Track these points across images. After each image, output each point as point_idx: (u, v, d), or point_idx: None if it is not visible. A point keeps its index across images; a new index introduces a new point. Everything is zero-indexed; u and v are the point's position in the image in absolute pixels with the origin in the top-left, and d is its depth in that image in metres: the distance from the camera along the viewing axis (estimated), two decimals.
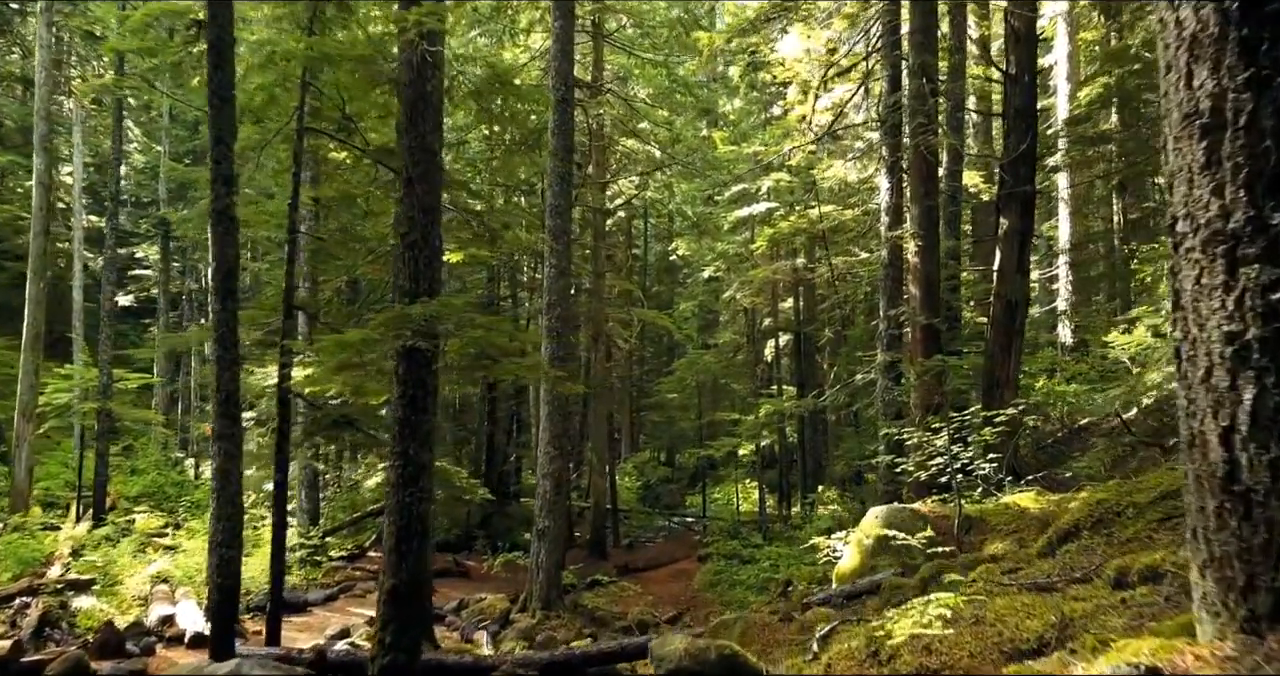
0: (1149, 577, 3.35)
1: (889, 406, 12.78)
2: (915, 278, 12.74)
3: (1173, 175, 2.53)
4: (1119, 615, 3.01)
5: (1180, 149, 2.47)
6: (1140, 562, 3.47)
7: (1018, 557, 6.33)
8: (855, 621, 4.63)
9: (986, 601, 3.92)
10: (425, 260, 6.93)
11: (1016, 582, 4.44)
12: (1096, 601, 3.34)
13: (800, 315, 24.63)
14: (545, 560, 14.05)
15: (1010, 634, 3.24)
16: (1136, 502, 5.38)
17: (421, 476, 6.81)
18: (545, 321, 14.30)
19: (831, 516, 17.49)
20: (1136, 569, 3.44)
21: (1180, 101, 2.45)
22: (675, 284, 39.16)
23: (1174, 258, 2.52)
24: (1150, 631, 2.57)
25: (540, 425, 14.33)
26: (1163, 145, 2.60)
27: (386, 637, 6.56)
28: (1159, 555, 3.45)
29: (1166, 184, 2.55)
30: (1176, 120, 2.48)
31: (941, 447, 8.54)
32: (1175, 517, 4.93)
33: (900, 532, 8.38)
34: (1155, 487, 5.47)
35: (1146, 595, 3.18)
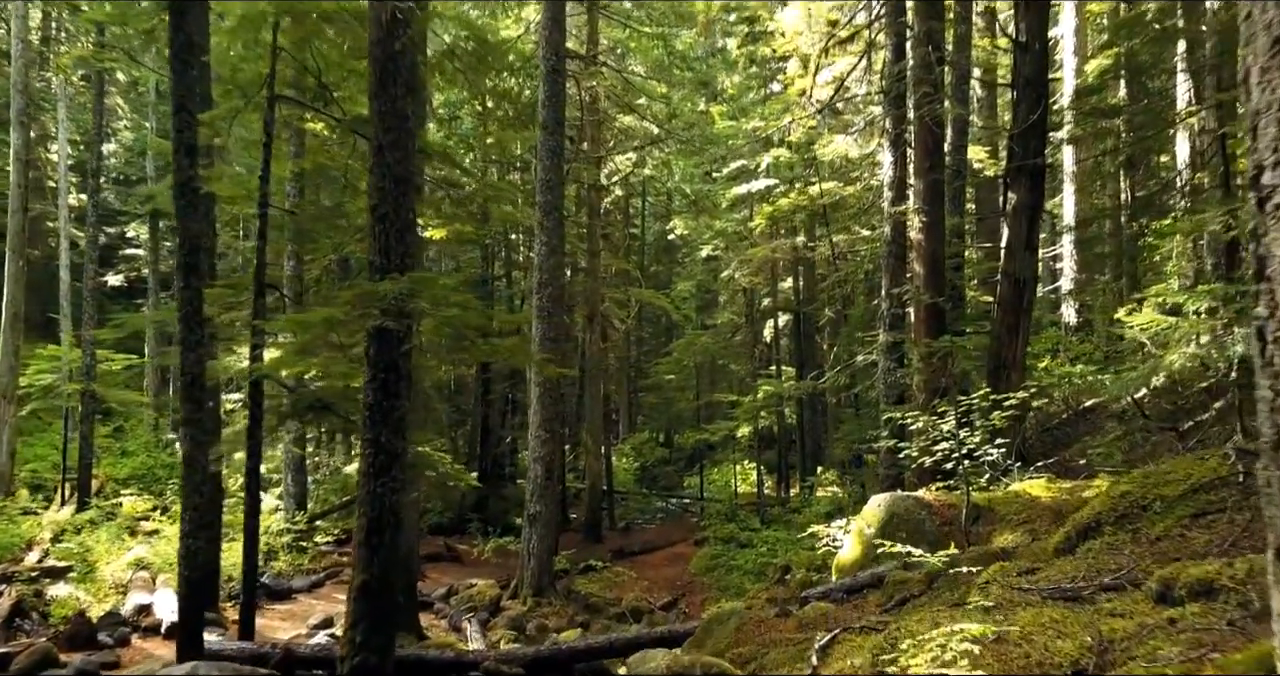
0: (1201, 593, 2.92)
1: (891, 389, 12.34)
2: (919, 255, 12.26)
3: (1256, 115, 2.05)
4: (1169, 639, 2.58)
5: (1268, 81, 1.99)
6: (1189, 574, 3.04)
7: (1033, 553, 5.91)
8: (858, 630, 4.21)
9: (1007, 612, 3.48)
10: (397, 233, 6.46)
11: (1037, 588, 4.01)
12: (1139, 619, 2.91)
13: (800, 295, 24.15)
14: (537, 546, 13.69)
15: (1039, 657, 2.81)
16: (1164, 496, 4.95)
17: (394, 465, 6.37)
18: (536, 301, 13.84)
19: (831, 500, 17.12)
20: (1185, 581, 3.01)
21: (1269, 22, 1.98)
22: (674, 263, 38.67)
23: (1257, 217, 2.06)
24: (1217, 666, 2.14)
25: (532, 408, 13.90)
26: (1241, 80, 2.13)
27: (357, 636, 6.14)
28: (1212, 567, 3.02)
29: (1249, 127, 2.08)
30: (1263, 46, 2.01)
31: (947, 432, 8.10)
32: (1210, 514, 4.50)
33: (903, 522, 7.98)
34: (1184, 479, 5.04)
35: (1200, 615, 2.75)
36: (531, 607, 13.39)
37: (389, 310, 6.17)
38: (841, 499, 17.89)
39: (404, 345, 6.35)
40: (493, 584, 13.99)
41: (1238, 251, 13.37)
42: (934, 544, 7.70)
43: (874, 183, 19.87)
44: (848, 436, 17.47)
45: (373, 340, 6.35)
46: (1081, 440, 13.36)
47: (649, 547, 19.68)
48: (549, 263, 13.74)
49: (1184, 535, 4.36)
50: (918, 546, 7.78)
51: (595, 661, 7.86)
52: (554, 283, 13.80)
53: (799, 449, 25.22)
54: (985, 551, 6.35)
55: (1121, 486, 5.31)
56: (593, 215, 21.24)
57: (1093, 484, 7.64)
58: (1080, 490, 7.64)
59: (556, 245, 13.89)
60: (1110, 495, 5.28)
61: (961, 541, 7.48)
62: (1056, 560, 4.92)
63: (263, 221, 8.61)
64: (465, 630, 11.76)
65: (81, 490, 18.62)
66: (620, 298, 25.21)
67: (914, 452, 9.12)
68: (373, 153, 6.55)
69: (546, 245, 13.74)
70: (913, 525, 7.88)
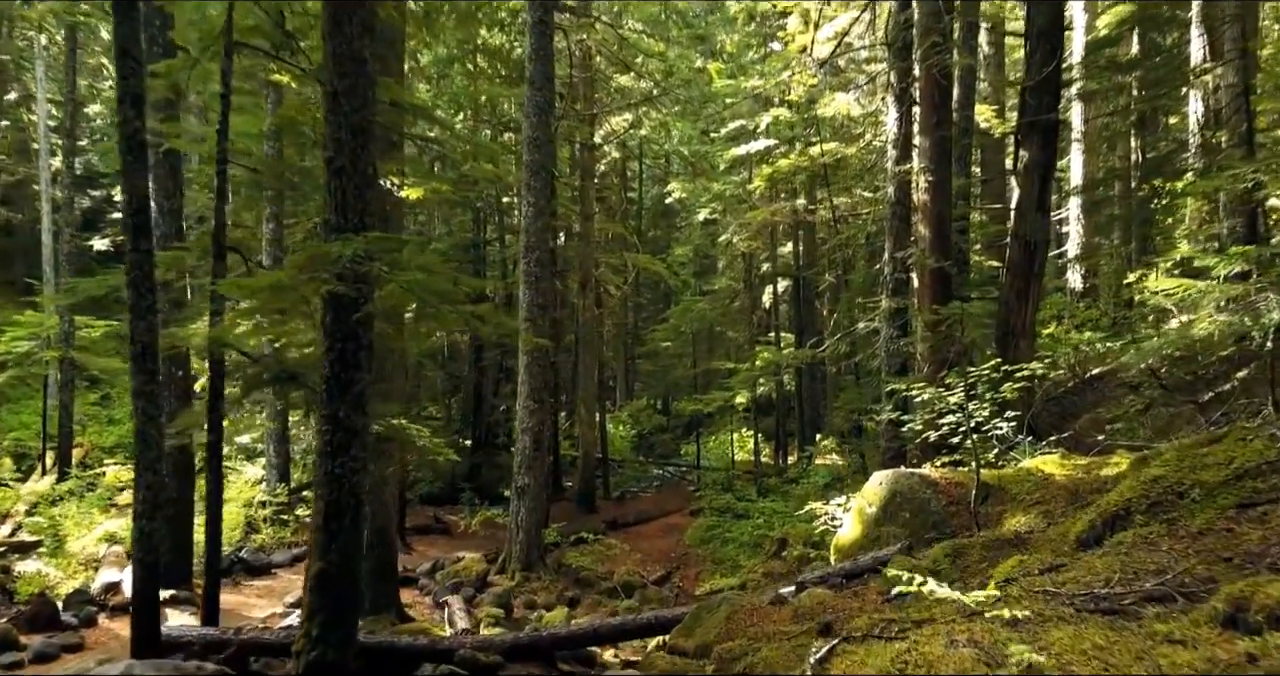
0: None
1: (893, 357, 11.79)
2: (924, 216, 11.65)
3: None
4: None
5: None
6: (1268, 594, 2.51)
7: (1051, 542, 5.40)
8: (860, 639, 3.69)
9: (1036, 629, 2.96)
10: (355, 189, 5.86)
11: (1067, 593, 3.49)
12: (1205, 650, 2.39)
13: (800, 259, 23.52)
14: (525, 519, 13.24)
15: None
16: (1203, 482, 4.42)
17: (353, 443, 5.84)
18: (523, 266, 13.25)
19: (830, 470, 16.66)
20: (1263, 603, 2.48)
21: None
22: (672, 228, 37.97)
23: None
24: None
25: (520, 377, 13.37)
26: None
27: (314, 629, 5.65)
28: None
29: None
30: None
31: (954, 405, 7.56)
32: (1259, 505, 3.97)
33: (907, 502, 7.48)
34: (1225, 463, 4.50)
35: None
36: (520, 582, 12.97)
37: (344, 274, 5.59)
38: (840, 468, 17.45)
39: (363, 312, 5.78)
40: (480, 558, 13.56)
41: (1262, 212, 12.78)
42: (939, 525, 7.22)
43: (876, 143, 19.17)
44: (847, 405, 16.97)
45: (329, 307, 5.79)
46: (1092, 410, 12.85)
47: (643, 517, 19.27)
48: (536, 225, 13.11)
49: (1231, 530, 3.83)
50: (922, 527, 7.30)
51: (580, 648, 7.41)
52: (541, 246, 13.19)
53: (797, 416, 24.77)
54: (997, 537, 5.85)
55: (1152, 469, 4.78)
56: (585, 177, 20.54)
57: (1111, 461, 7.11)
58: (1097, 468, 7.12)
59: (544, 207, 13.25)
60: (1140, 479, 4.75)
61: (969, 522, 6.99)
62: (1082, 554, 4.39)
63: (221, 179, 8.00)
64: (450, 607, 11.33)
65: (62, 460, 18.18)
66: (616, 263, 24.58)
67: (918, 426, 8.61)
68: (327, 100, 5.93)
69: (533, 207, 13.11)
70: (917, 505, 7.38)
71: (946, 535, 7.05)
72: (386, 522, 10.35)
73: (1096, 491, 6.41)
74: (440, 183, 9.83)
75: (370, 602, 10.26)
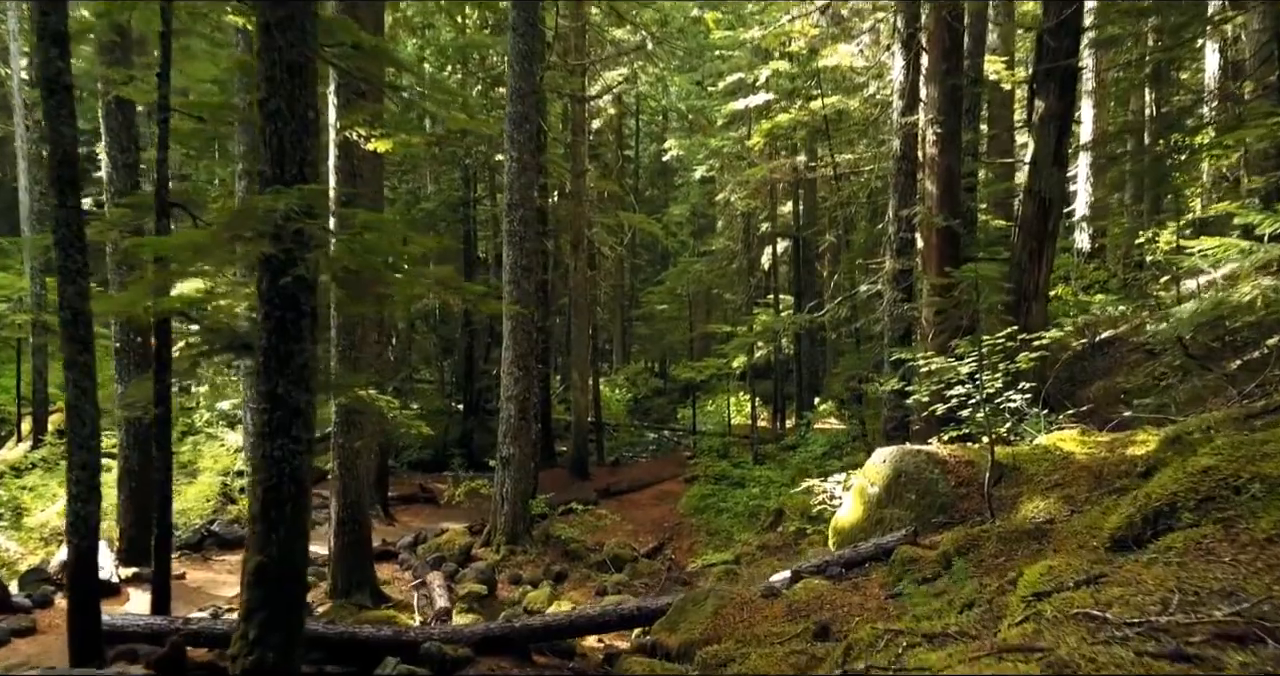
0: None
1: (897, 322, 11.12)
2: (932, 171, 10.90)
3: None
4: None
5: None
6: None
7: (1077, 536, 4.78)
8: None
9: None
10: (292, 136, 5.15)
11: (1114, 620, 2.86)
12: None
13: (800, 219, 22.74)
14: (510, 490, 12.69)
15: None
16: (1264, 475, 3.78)
17: (295, 423, 5.20)
18: (506, 225, 12.52)
19: (828, 438, 16.09)
20: None
21: None
22: (669, 187, 37.09)
23: None
24: None
25: (504, 343, 12.72)
26: None
27: (251, 630, 5.07)
28: None
29: None
30: None
31: (964, 375, 6.91)
32: None
33: (912, 482, 6.87)
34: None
35: None
36: (505, 556, 12.46)
37: (276, 234, 4.91)
38: (839, 435, 16.87)
39: (293, 275, 5.10)
40: (463, 530, 13.02)
41: None
42: (948, 508, 6.61)
43: (880, 96, 18.30)
44: (847, 370, 16.34)
45: (264, 271, 5.11)
46: (1104, 377, 12.22)
47: (637, 485, 18.75)
48: (520, 181, 12.36)
49: None
50: (929, 511, 6.70)
51: (554, 641, 6.86)
52: (526, 204, 12.45)
53: (796, 380, 24.17)
54: (1015, 527, 5.23)
55: (1201, 458, 4.14)
56: (576, 131, 19.68)
57: (1136, 439, 6.50)
58: (1122, 446, 6.50)
59: (529, 162, 12.48)
60: (1186, 469, 4.12)
61: (981, 506, 6.38)
62: (1122, 559, 3.77)
63: (162, 128, 7.26)
64: (430, 585, 10.81)
65: (38, 427, 17.60)
66: (610, 223, 23.80)
67: (923, 397, 7.95)
68: (260, 34, 5.19)
69: (517, 162, 12.34)
70: (923, 486, 6.78)
71: (956, 520, 6.46)
72: (360, 497, 9.77)
73: (1124, 474, 5.80)
74: (411, 135, 9.08)
75: (343, 582, 9.75)
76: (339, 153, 9.44)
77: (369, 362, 9.76)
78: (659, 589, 12.46)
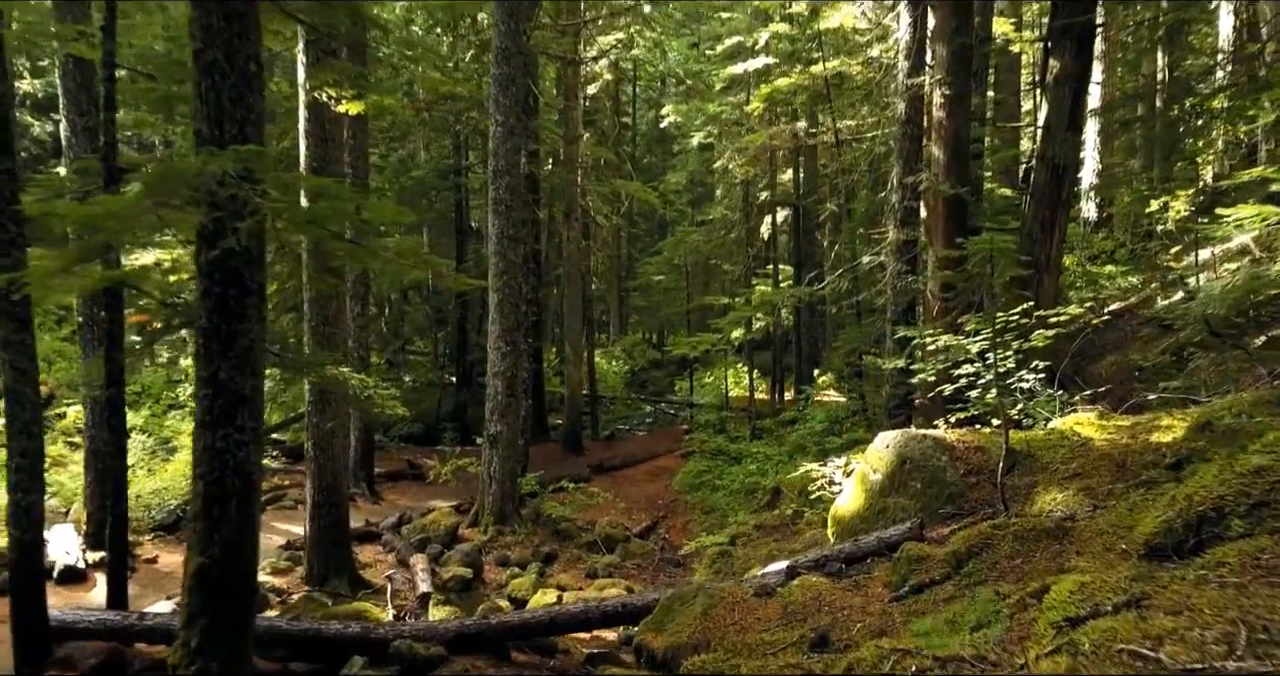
0: None
1: (900, 295, 10.60)
2: (939, 136, 10.33)
3: None
4: None
5: None
6: None
7: (1104, 538, 4.31)
8: None
9: None
10: (231, 92, 4.61)
11: (1169, 666, 2.39)
12: None
13: (800, 187, 22.10)
14: (498, 469, 12.25)
15: None
16: None
17: (240, 411, 4.71)
18: (492, 193, 11.95)
19: (827, 413, 15.63)
20: None
21: None
22: (667, 154, 36.37)
23: None
24: None
25: (490, 317, 12.21)
26: None
27: (193, 638, 4.62)
28: None
29: None
30: None
31: (974, 354, 6.40)
32: None
33: (917, 470, 6.39)
34: None
35: None
36: (493, 537, 12.05)
37: (213, 202, 4.38)
38: (839, 410, 16.41)
39: (252, 250, 4.59)
40: (450, 511, 12.60)
41: None
42: (956, 498, 6.15)
43: (884, 59, 17.62)
44: (848, 344, 15.83)
45: (202, 242, 4.59)
46: (1115, 352, 11.72)
47: (631, 460, 18.34)
48: (506, 146, 11.77)
49: None
50: (936, 501, 6.24)
51: (533, 638, 6.43)
52: (512, 170, 11.87)
53: (795, 352, 23.68)
54: (1033, 525, 4.76)
55: (1253, 457, 3.66)
56: (569, 95, 19.00)
57: (1160, 423, 6.02)
58: (1145, 431, 6.02)
59: (515, 126, 11.88)
60: (1235, 469, 3.64)
61: (992, 496, 5.92)
62: (1162, 574, 3.29)
63: (108, 87, 6.70)
64: (413, 568, 10.40)
65: None
66: (605, 191, 23.18)
67: (929, 376, 7.45)
68: None
69: (503, 126, 11.74)
70: (929, 474, 6.30)
71: (965, 511, 5.99)
72: (336, 479, 9.32)
73: (1151, 464, 5.32)
74: (384, 96, 8.50)
75: (319, 567, 9.34)
76: (309, 115, 8.87)
77: (345, 338, 9.25)
78: (651, 570, 12.09)
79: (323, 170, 8.80)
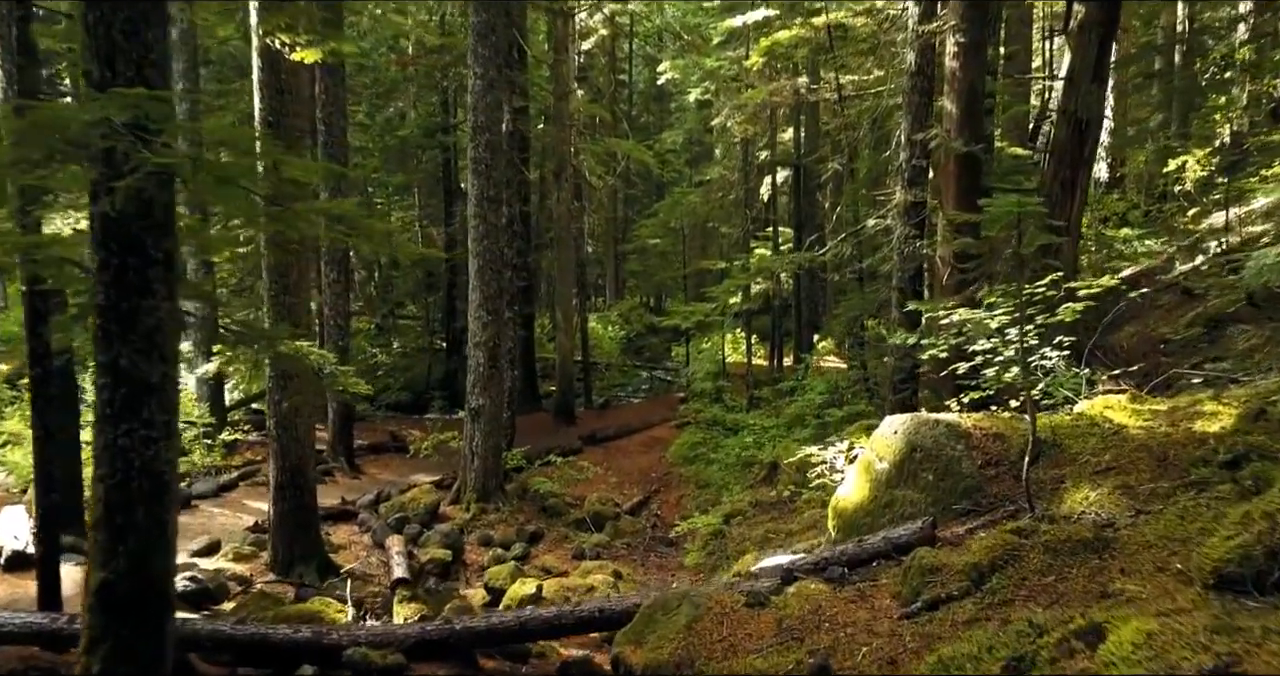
0: None
1: (907, 261, 9.86)
2: (952, 88, 9.53)
3: None
4: None
5: None
6: None
7: (1151, 552, 3.66)
8: None
9: None
10: (125, 25, 3.87)
11: None
12: None
13: (801, 147, 21.23)
14: (481, 444, 11.64)
15: None
16: None
17: (147, 403, 4.04)
18: (471, 150, 11.17)
19: (827, 384, 14.99)
20: None
21: None
22: (665, 112, 35.35)
23: None
24: None
25: (470, 284, 11.51)
26: None
27: (94, 666, 4.00)
28: None
29: None
30: None
31: (993, 329, 5.71)
32: None
33: (929, 460, 5.74)
34: None
35: None
36: (475, 515, 11.48)
37: (109, 153, 3.67)
38: (840, 379, 15.75)
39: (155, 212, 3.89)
40: (430, 488, 12.00)
41: None
42: (973, 493, 5.50)
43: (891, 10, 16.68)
44: (849, 311, 15.13)
45: (95, 205, 3.88)
46: (1134, 321, 11.04)
47: (625, 430, 17.75)
48: (485, 100, 10.96)
49: None
50: (950, 495, 5.58)
51: (501, 645, 5.85)
52: (492, 127, 11.07)
53: (794, 316, 22.98)
54: (1067, 536, 4.11)
55: None
56: (560, 49, 18.09)
57: (1204, 408, 5.35)
58: (1185, 417, 5.36)
59: (495, 78, 11.06)
60: None
61: (1014, 491, 5.27)
62: (1245, 619, 2.64)
63: (21, 29, 5.93)
64: (388, 550, 9.83)
65: None
66: (599, 151, 22.30)
67: (940, 352, 6.74)
68: None
69: (482, 79, 10.92)
70: (942, 464, 5.65)
71: (983, 507, 5.35)
72: (302, 460, 8.69)
73: (1201, 461, 4.66)
74: (341, 42, 7.72)
75: (284, 553, 8.75)
76: (263, 64, 8.08)
77: (306, 308, 8.56)
78: (642, 550, 11.53)
79: (278, 125, 8.05)
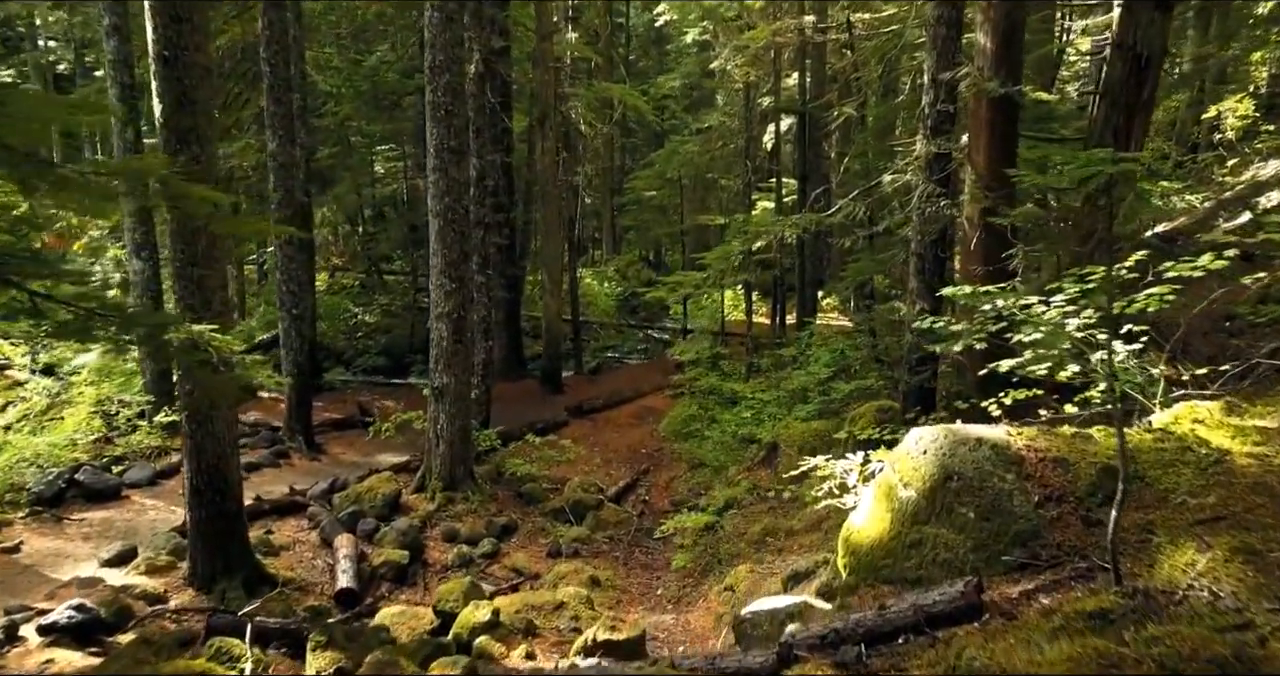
0: None
1: (930, 223, 8.47)
2: (986, 19, 8.04)
3: None
4: None
5: None
6: None
7: None
8: None
9: None
10: None
11: None
12: None
13: (807, 93, 19.61)
14: (446, 427, 10.42)
15: None
16: None
17: None
18: (429, 94, 9.72)
19: (833, 356, 13.67)
20: None
21: None
22: (664, 56, 33.47)
23: None
24: None
25: (430, 248, 10.18)
26: None
27: None
28: None
29: None
30: None
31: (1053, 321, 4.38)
32: None
33: (970, 491, 4.45)
34: None
35: None
36: (441, 505, 10.31)
37: None
38: (847, 348, 14.42)
39: None
40: (390, 475, 10.77)
41: None
42: (1029, 540, 4.22)
43: None
44: (858, 275, 13.76)
45: None
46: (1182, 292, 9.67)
47: (616, 400, 16.55)
48: (444, 37, 9.47)
49: None
50: (997, 540, 4.32)
51: None
52: (452, 67, 9.59)
53: (798, 273, 21.57)
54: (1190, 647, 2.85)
55: None
56: None
57: None
58: None
59: (455, 10, 9.55)
60: None
61: (1084, 541, 4.00)
62: None
63: None
64: (336, 552, 8.67)
65: None
66: (592, 97, 20.73)
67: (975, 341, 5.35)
68: None
69: (439, 11, 9.41)
70: (988, 500, 4.37)
71: (1044, 562, 4.08)
72: (221, 459, 7.44)
73: None
74: None
75: (204, 566, 7.57)
76: None
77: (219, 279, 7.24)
78: (626, 546, 10.37)
79: (175, 61, 6.64)
